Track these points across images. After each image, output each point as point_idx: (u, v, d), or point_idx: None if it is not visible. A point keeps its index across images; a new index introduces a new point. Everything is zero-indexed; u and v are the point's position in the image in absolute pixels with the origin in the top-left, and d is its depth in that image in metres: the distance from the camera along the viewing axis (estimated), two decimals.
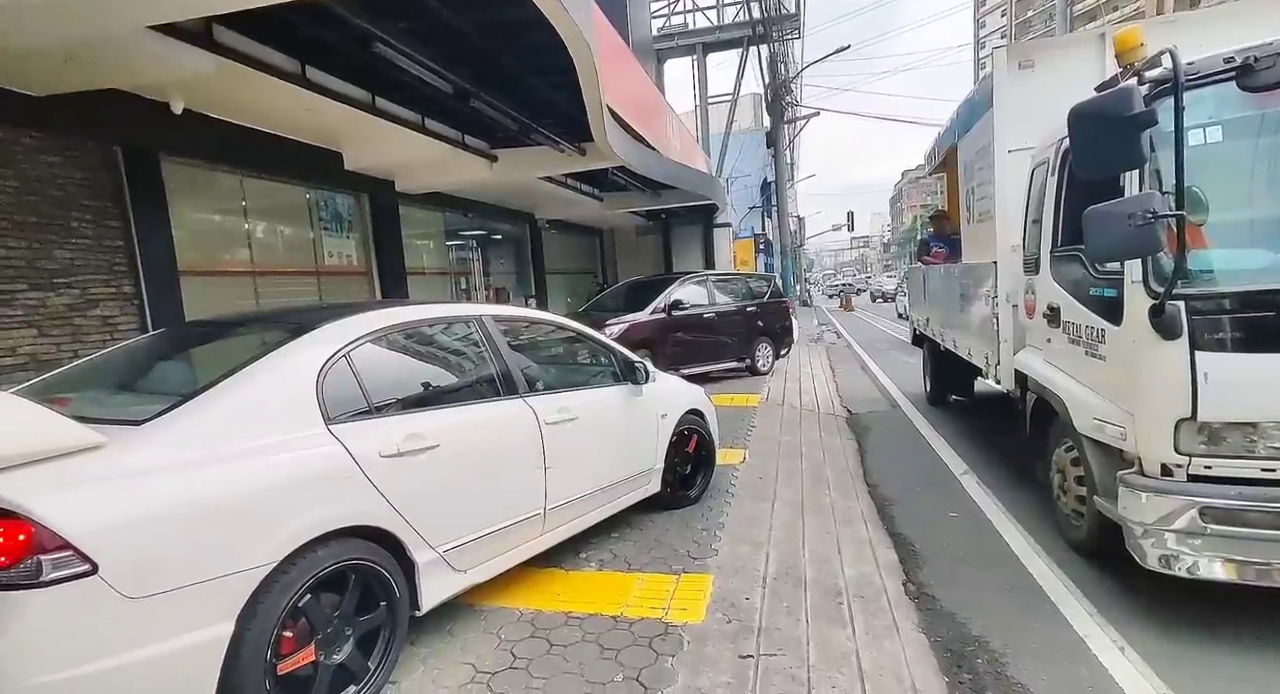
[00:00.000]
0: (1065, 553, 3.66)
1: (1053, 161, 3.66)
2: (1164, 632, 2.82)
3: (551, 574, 3.35)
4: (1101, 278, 3.05)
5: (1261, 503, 2.48)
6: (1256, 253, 2.70)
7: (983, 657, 2.78)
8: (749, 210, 26.59)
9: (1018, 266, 4.20)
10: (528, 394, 3.19)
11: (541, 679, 2.42)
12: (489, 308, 3.33)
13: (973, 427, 6.77)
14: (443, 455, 2.61)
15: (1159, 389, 2.65)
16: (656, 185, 12.28)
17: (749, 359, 10.04)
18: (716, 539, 3.77)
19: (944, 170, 7.56)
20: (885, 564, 3.70)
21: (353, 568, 2.21)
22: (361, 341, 2.58)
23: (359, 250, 8.16)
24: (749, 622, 2.87)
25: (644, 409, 4.01)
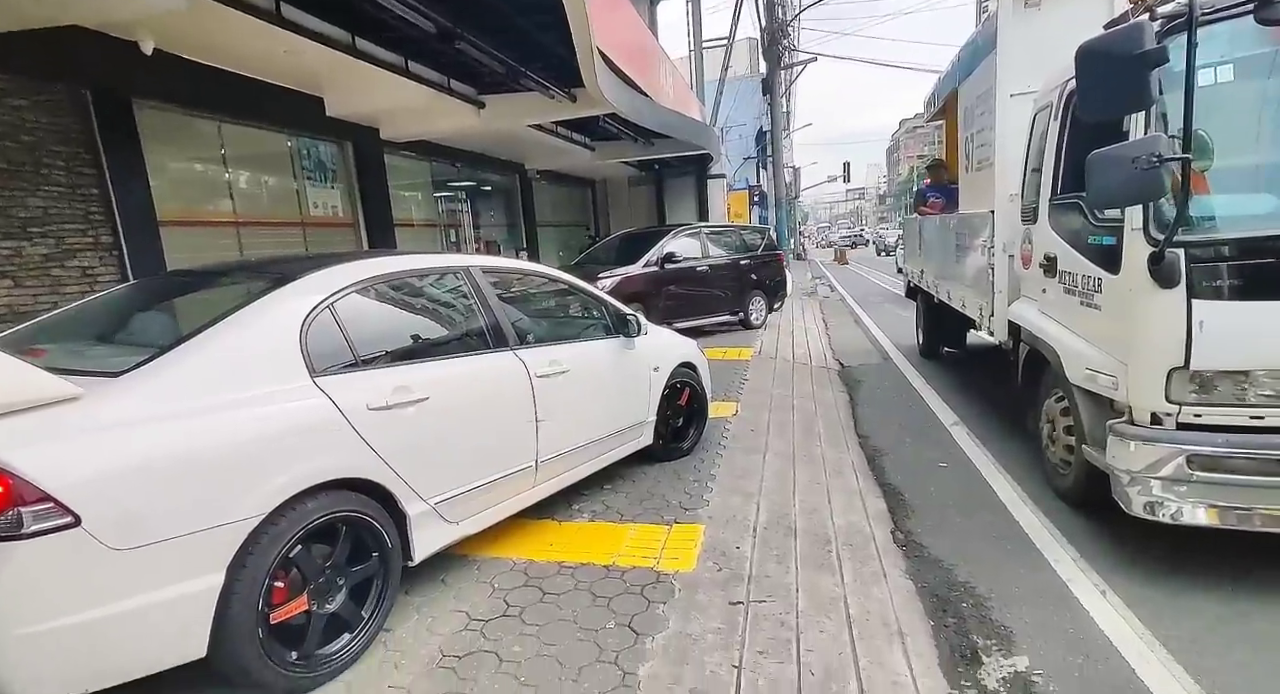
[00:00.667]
0: (1052, 501, 3.72)
1: (1056, 105, 3.54)
2: (1145, 577, 2.88)
3: (544, 525, 3.38)
4: (1101, 226, 2.99)
5: (1248, 450, 2.50)
6: (1260, 198, 2.64)
7: (968, 601, 2.84)
8: (744, 161, 26.05)
9: (1015, 216, 4.12)
10: (518, 347, 3.15)
11: (535, 626, 2.46)
12: (477, 259, 3.25)
13: (964, 379, 6.81)
14: (432, 408, 2.58)
15: (1154, 338, 2.63)
16: (650, 134, 11.96)
17: (742, 313, 10.01)
18: (708, 490, 3.81)
19: (943, 117, 7.37)
20: (874, 513, 3.76)
21: (343, 520, 2.20)
22: (346, 292, 2.51)
23: (345, 201, 7.95)
24: (739, 570, 2.91)
25: (636, 362, 3.99)
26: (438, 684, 2.12)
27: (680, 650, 2.32)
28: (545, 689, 2.10)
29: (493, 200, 13.15)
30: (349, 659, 2.19)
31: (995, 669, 2.38)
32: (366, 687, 2.12)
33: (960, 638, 2.59)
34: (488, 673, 2.18)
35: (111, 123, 5.12)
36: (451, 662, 2.24)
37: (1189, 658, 2.36)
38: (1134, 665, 2.33)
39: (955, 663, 2.44)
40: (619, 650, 2.30)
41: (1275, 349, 2.46)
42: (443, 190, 11.28)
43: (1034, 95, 3.99)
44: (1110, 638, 2.49)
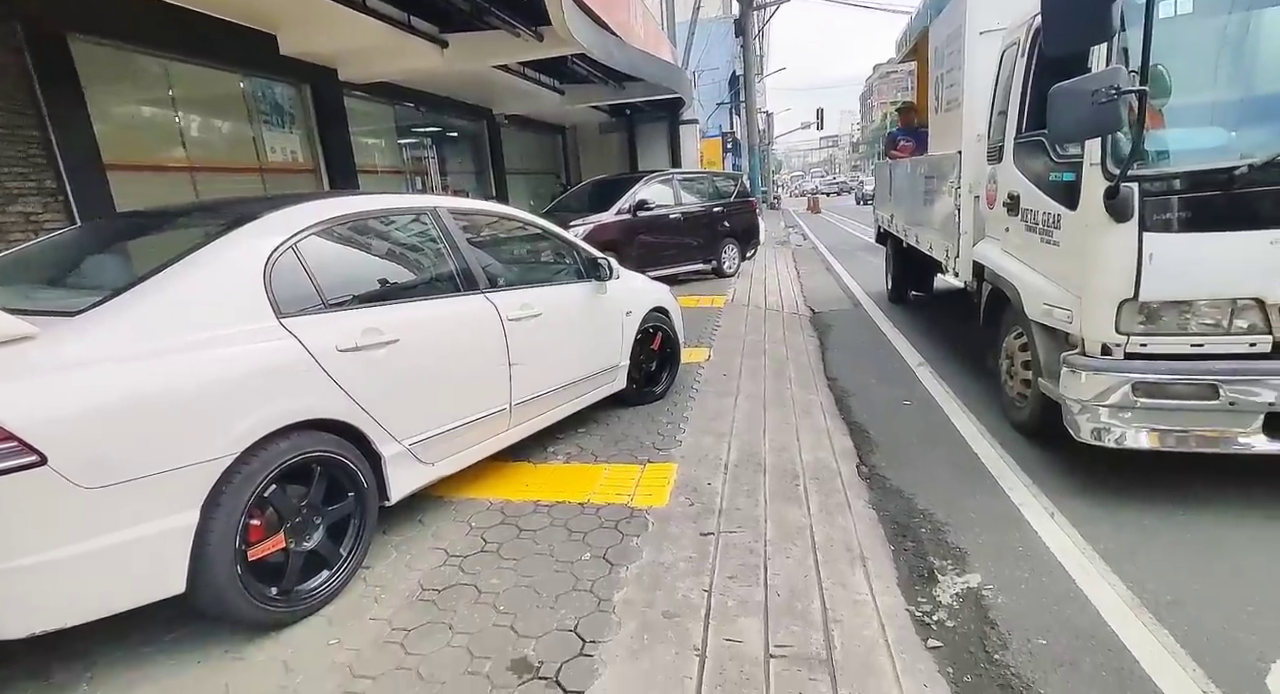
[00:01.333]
0: (1009, 434, 3.89)
1: (1023, 42, 3.53)
2: (1091, 499, 3.06)
3: (520, 467, 3.44)
4: (1061, 162, 3.03)
5: (1187, 376, 2.63)
6: (1210, 131, 2.70)
7: (926, 527, 2.99)
8: (716, 107, 25.49)
9: (982, 156, 4.15)
10: (489, 290, 3.13)
11: (512, 560, 2.53)
12: (445, 200, 3.18)
13: (930, 322, 6.96)
14: (403, 350, 2.57)
15: (1106, 271, 2.72)
16: (620, 77, 11.62)
17: (715, 261, 9.99)
18: (681, 431, 3.89)
19: (914, 58, 7.28)
20: (841, 450, 3.89)
21: (317, 460, 2.22)
22: (309, 232, 2.45)
23: (304, 146, 7.64)
24: (710, 504, 3.02)
25: (608, 306, 3.99)
26: (418, 615, 2.19)
27: (653, 578, 2.42)
28: (523, 616, 2.18)
29: (460, 146, 12.75)
30: (329, 594, 2.24)
31: (950, 586, 2.54)
32: (347, 619, 2.18)
33: (918, 560, 2.74)
34: (467, 603, 2.25)
35: (46, 59, 4.80)
36: (431, 595, 2.31)
37: (1123, 567, 2.54)
38: (1074, 576, 2.50)
39: (913, 582, 2.59)
40: (594, 580, 2.39)
41: (1216, 278, 2.57)
42: (407, 136, 10.90)
43: (1003, 33, 3.96)
44: (1055, 554, 2.66)
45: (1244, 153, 2.50)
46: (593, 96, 12.83)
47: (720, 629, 2.14)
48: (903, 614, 2.37)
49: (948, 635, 2.26)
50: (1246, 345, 2.59)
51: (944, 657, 2.15)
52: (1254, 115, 2.66)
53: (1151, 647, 2.11)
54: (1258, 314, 2.55)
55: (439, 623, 2.15)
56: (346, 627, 2.15)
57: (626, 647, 2.03)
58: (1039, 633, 2.22)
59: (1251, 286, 2.52)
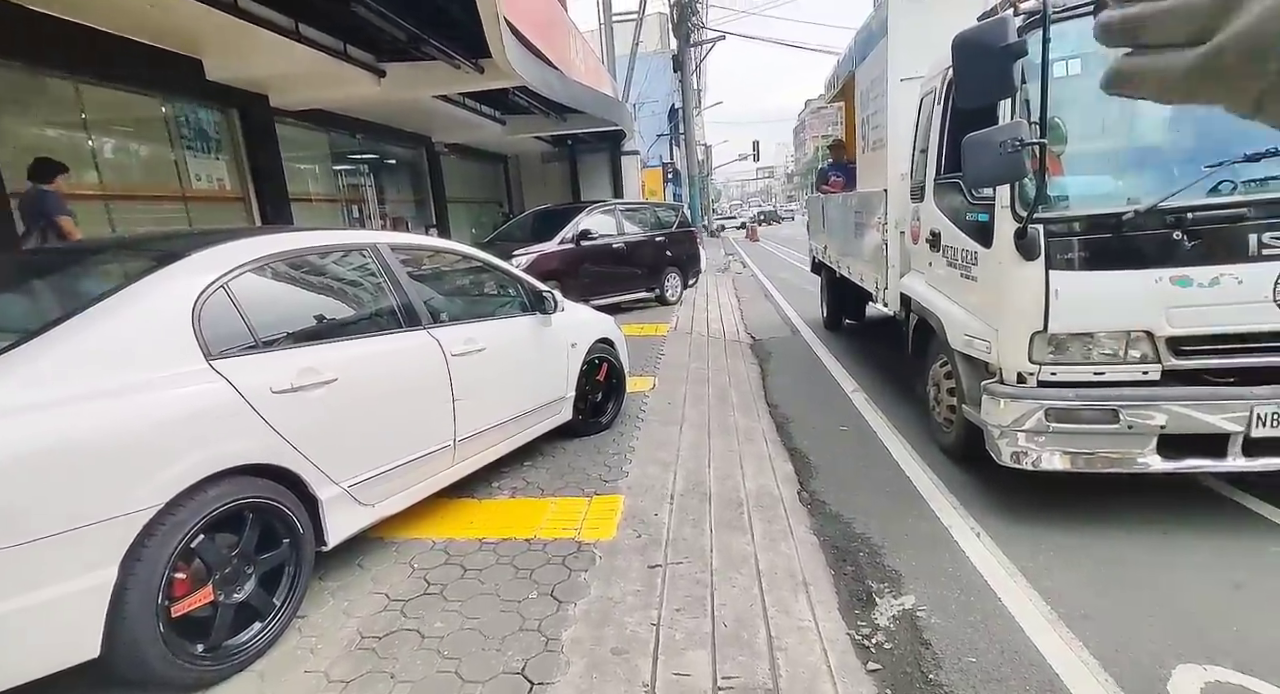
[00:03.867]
0: (937, 457, 4.09)
1: (939, 91, 3.81)
2: (1012, 518, 3.25)
3: (464, 504, 3.38)
4: (976, 203, 3.28)
5: (1091, 401, 2.86)
6: (1102, 179, 2.98)
7: (864, 551, 3.10)
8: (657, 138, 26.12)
9: (906, 194, 4.42)
10: (432, 326, 3.11)
11: (457, 602, 2.48)
12: (385, 235, 3.15)
13: (863, 348, 7.27)
14: (342, 389, 2.52)
15: (1019, 305, 2.93)
16: (562, 109, 11.77)
17: (658, 289, 10.16)
18: (627, 462, 3.91)
19: (842, 99, 7.70)
20: (783, 476, 3.99)
21: (249, 507, 2.13)
22: (242, 271, 2.38)
23: (232, 173, 7.38)
24: (657, 535, 3.04)
25: (553, 339, 4.01)
26: (357, 665, 2.12)
27: (602, 613, 2.41)
28: (469, 661, 2.13)
29: (398, 175, 12.58)
30: (261, 648, 2.14)
31: (887, 609, 2.63)
32: (281, 673, 2.08)
33: (857, 583, 2.83)
34: (409, 650, 2.19)
35: None
36: (371, 642, 2.23)
37: (1042, 583, 2.71)
38: (999, 595, 2.64)
39: (853, 606, 2.68)
40: (541, 618, 2.36)
41: (1112, 313, 2.82)
42: (343, 163, 10.68)
43: (921, 80, 4.26)
44: (982, 573, 2.80)
45: (1131, 198, 2.78)
46: (534, 127, 12.94)
47: (669, 663, 2.15)
48: (844, 639, 2.44)
49: (886, 657, 2.34)
50: (1140, 373, 2.84)
51: (883, 679, 2.23)
52: (1138, 165, 2.96)
53: (1069, 659, 2.24)
54: (1148, 345, 2.80)
55: (379, 672, 2.08)
56: (280, 682, 2.05)
57: (575, 687, 2.02)
58: (969, 651, 2.33)
59: (1142, 320, 2.77)
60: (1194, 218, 2.63)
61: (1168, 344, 2.78)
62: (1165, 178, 2.75)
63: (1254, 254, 2.62)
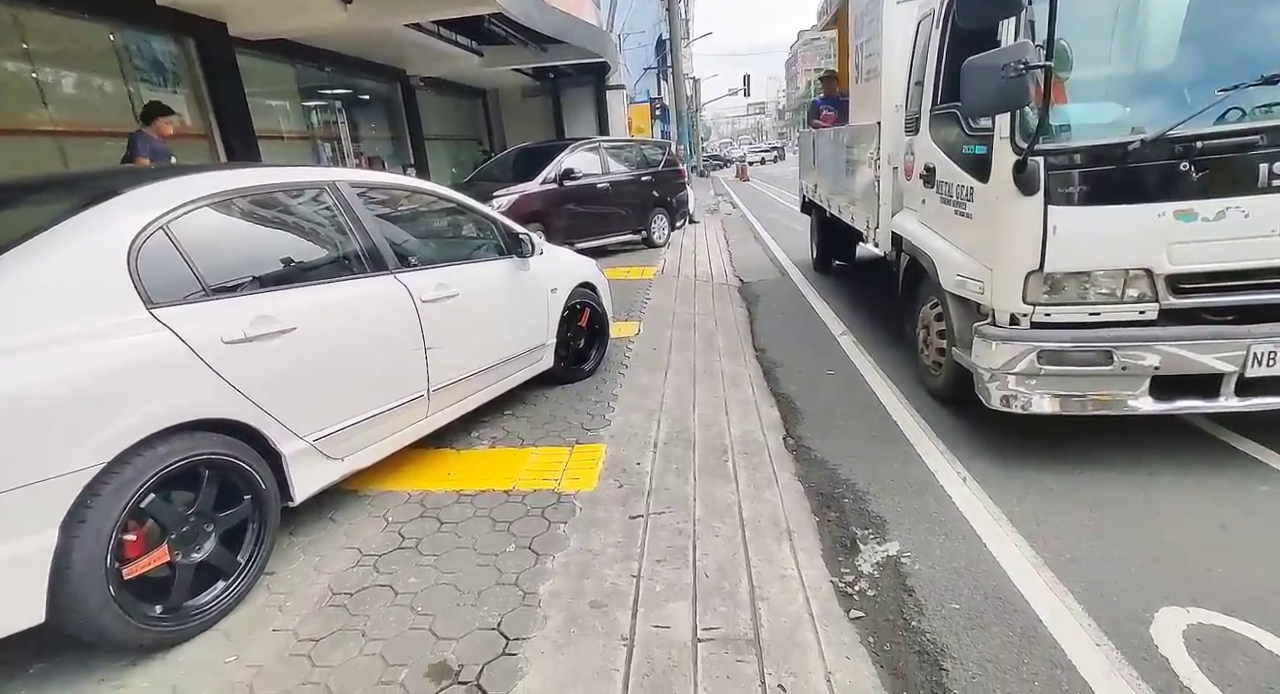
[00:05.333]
0: (925, 400, 4.03)
1: (938, 13, 3.54)
2: (1000, 462, 3.21)
3: (442, 455, 3.30)
4: (974, 135, 3.08)
5: (1085, 343, 2.77)
6: (1107, 107, 2.80)
7: (849, 497, 3.06)
8: (644, 72, 25.06)
9: (900, 127, 4.20)
10: (399, 270, 2.94)
11: (432, 556, 2.42)
12: (344, 172, 2.94)
13: (853, 290, 7.14)
14: (302, 339, 2.37)
15: (1015, 243, 2.80)
16: (542, 39, 11.15)
17: (645, 231, 9.90)
18: (610, 410, 3.83)
19: (835, 27, 7.29)
20: (768, 422, 3.93)
21: (205, 463, 2.02)
22: (184, 211, 2.19)
23: (192, 108, 6.96)
24: (639, 485, 2.98)
25: (532, 283, 3.86)
26: (327, 622, 2.06)
27: (581, 566, 2.36)
28: (443, 617, 2.08)
29: (372, 111, 12.00)
30: (226, 607, 2.07)
31: (870, 555, 2.61)
32: (248, 632, 2.02)
33: (841, 530, 2.80)
34: (382, 606, 2.13)
35: None
36: (342, 599, 2.17)
37: (1028, 527, 2.68)
38: (984, 539, 2.62)
39: (836, 553, 2.65)
40: (519, 572, 2.31)
41: (1110, 250, 2.69)
42: (314, 99, 10.14)
43: (919, 2, 3.97)
44: (968, 518, 2.77)
45: (1136, 128, 2.60)
46: (513, 59, 12.30)
47: (649, 616, 2.11)
48: (826, 586, 2.41)
49: (869, 605, 2.32)
50: (1137, 313, 2.74)
51: (865, 627, 2.21)
52: (1146, 91, 2.77)
53: (1053, 604, 2.23)
54: (1146, 283, 2.69)
55: (350, 630, 2.03)
56: (247, 641, 1.99)
57: (552, 642, 1.98)
58: (952, 597, 2.31)
59: (1141, 257, 2.65)
60: (1203, 147, 2.47)
61: (1167, 282, 2.67)
62: (1175, 104, 2.58)
63: (1264, 185, 2.48)
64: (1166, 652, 1.99)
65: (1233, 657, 1.95)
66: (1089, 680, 1.91)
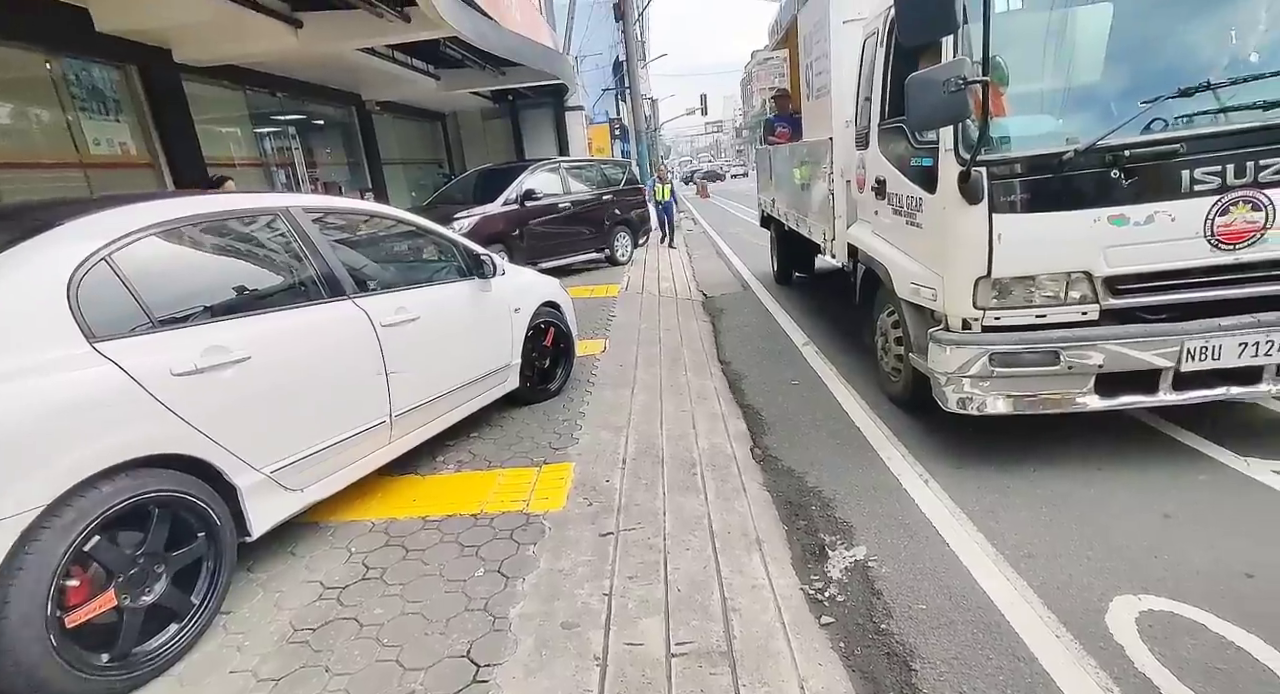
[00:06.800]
0: (886, 406, 4.12)
1: (882, 32, 3.68)
2: (959, 463, 3.29)
3: (406, 481, 3.24)
4: (921, 148, 3.20)
5: (1033, 344, 2.87)
6: (1042, 119, 2.94)
7: (816, 504, 3.10)
8: (602, 93, 25.31)
9: (851, 142, 4.32)
10: (358, 295, 2.90)
11: (398, 586, 2.36)
12: (297, 198, 2.90)
13: (813, 301, 7.28)
14: (256, 368, 2.32)
15: (963, 250, 2.90)
16: (499, 62, 11.19)
17: (608, 249, 9.96)
18: (578, 428, 3.81)
19: (786, 46, 7.50)
20: (735, 434, 3.96)
21: (154, 501, 1.95)
22: (127, 241, 2.13)
23: (137, 137, 6.77)
24: (609, 502, 2.97)
25: (495, 304, 3.84)
26: (288, 660, 1.99)
27: (551, 587, 2.34)
28: (411, 647, 2.03)
29: (328, 136, 11.85)
30: (180, 650, 1.98)
31: (839, 561, 2.64)
32: (203, 676, 1.94)
33: (809, 538, 2.83)
34: (346, 640, 2.07)
35: None
36: (304, 635, 2.10)
37: (987, 524, 2.75)
38: (946, 539, 2.68)
39: (805, 561, 2.67)
40: (489, 597, 2.27)
41: (1053, 255, 2.81)
42: (267, 125, 9.97)
43: (864, 22, 4.12)
44: (930, 519, 2.83)
45: (1070, 138, 2.74)
46: (471, 82, 12.30)
47: (621, 634, 2.09)
48: (797, 595, 2.43)
49: (839, 611, 2.34)
50: (1080, 314, 2.85)
51: (836, 632, 2.23)
52: (1077, 103, 2.92)
53: (1012, 598, 2.28)
54: (1087, 286, 2.82)
55: (313, 666, 1.96)
56: (202, 685, 1.91)
57: (524, 666, 1.95)
58: (919, 598, 2.35)
59: (1080, 261, 2.77)
60: (1130, 155, 2.61)
61: (1105, 284, 2.79)
62: (1104, 116, 2.72)
63: (1187, 190, 2.62)
64: (1121, 640, 2.05)
65: (1181, 640, 2.03)
66: (1050, 671, 1.96)
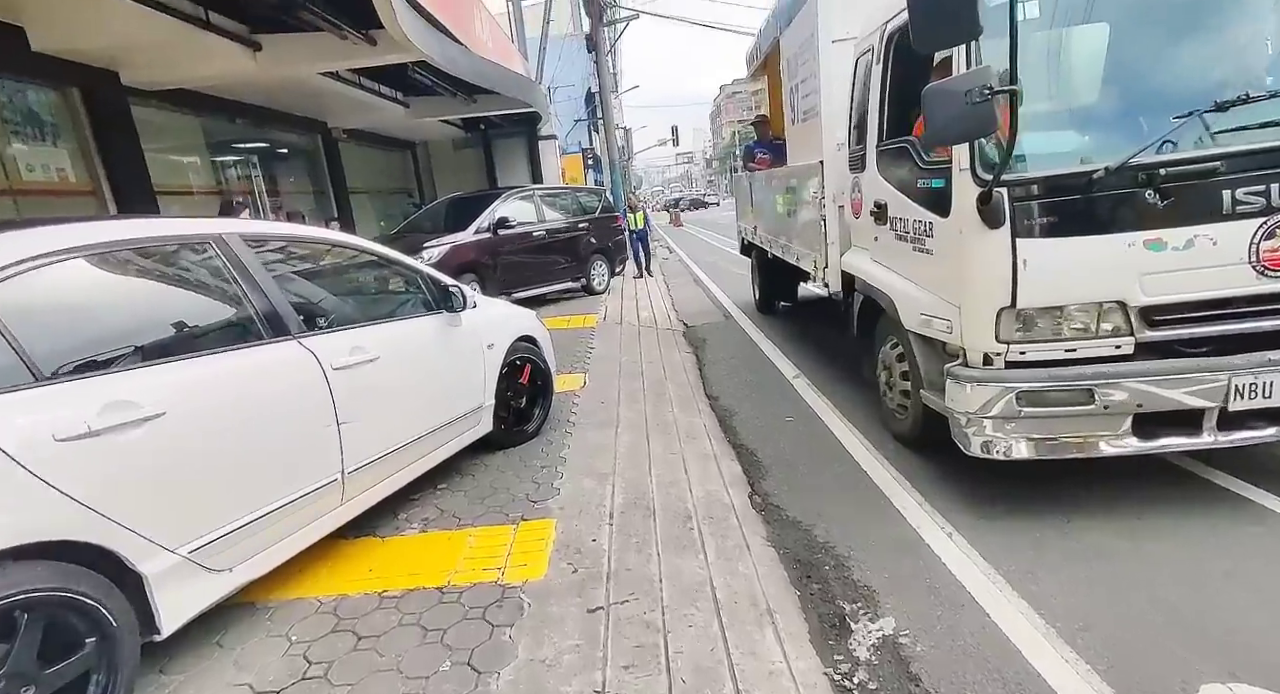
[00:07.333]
0: (892, 446, 3.82)
1: (878, 48, 3.48)
2: (981, 512, 2.98)
3: (363, 545, 2.83)
4: (929, 168, 2.96)
5: (1064, 382, 2.60)
6: (1066, 135, 2.72)
7: (829, 563, 2.76)
8: (575, 123, 25.35)
9: (844, 165, 4.10)
10: (304, 334, 2.52)
11: (345, 686, 1.95)
12: (234, 223, 2.52)
13: (800, 330, 7.04)
14: (173, 426, 1.93)
15: (984, 279, 2.64)
16: (470, 89, 10.98)
17: (584, 278, 9.68)
18: (558, 476, 3.45)
19: (765, 72, 7.39)
20: (731, 478, 3.62)
21: (21, 605, 1.53)
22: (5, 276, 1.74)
23: (77, 163, 6.31)
24: (596, 567, 2.59)
25: (465, 340, 3.48)
26: None
27: (533, 684, 1.95)
28: None
29: (292, 164, 11.44)
30: None
31: (865, 636, 2.29)
32: None
33: (827, 605, 2.48)
34: None
35: None
36: None
37: (1027, 588, 2.43)
38: (985, 608, 2.34)
39: (825, 635, 2.32)
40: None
41: (1083, 283, 2.56)
42: (226, 152, 9.55)
43: (855, 41, 3.93)
44: (962, 582, 2.50)
45: (1091, 156, 2.51)
46: (441, 110, 12.06)
47: None
48: (822, 681, 2.07)
49: None
50: (1113, 347, 2.60)
51: None
52: (1105, 118, 2.71)
53: (1078, 687, 1.95)
54: (1121, 316, 2.57)
55: None
56: None
57: None
58: (965, 684, 2.01)
59: (1114, 290, 2.53)
60: (1165, 175, 2.38)
61: (1141, 314, 2.55)
62: (1134, 131, 2.51)
63: (1228, 212, 2.40)
64: None
65: None
66: None
